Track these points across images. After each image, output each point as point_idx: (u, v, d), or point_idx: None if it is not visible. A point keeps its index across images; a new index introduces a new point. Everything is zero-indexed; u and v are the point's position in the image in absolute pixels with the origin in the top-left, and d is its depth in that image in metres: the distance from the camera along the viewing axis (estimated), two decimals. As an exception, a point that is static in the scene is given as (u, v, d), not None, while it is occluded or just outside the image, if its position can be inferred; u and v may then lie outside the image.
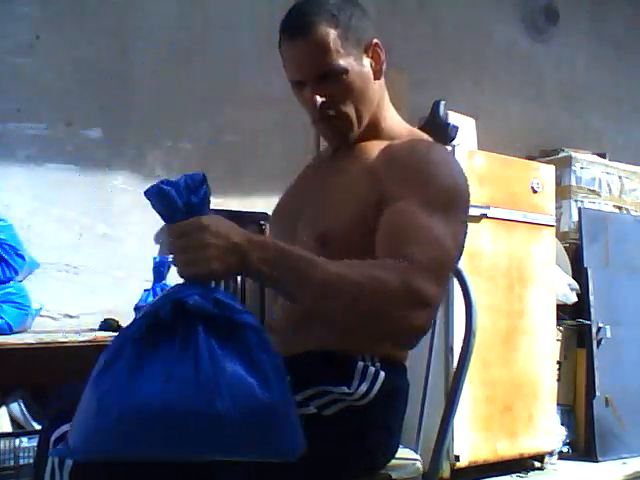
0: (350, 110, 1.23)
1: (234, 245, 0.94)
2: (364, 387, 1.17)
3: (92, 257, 2.77)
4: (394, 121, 1.31)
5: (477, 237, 2.82)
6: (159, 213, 0.98)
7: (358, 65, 1.22)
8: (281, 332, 1.28)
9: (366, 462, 1.23)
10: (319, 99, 1.20)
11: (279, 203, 1.42)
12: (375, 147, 1.22)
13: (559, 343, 3.28)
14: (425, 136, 1.28)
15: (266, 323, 1.35)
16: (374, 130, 1.27)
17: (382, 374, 1.18)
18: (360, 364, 1.18)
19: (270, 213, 1.45)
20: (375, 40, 1.24)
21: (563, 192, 3.57)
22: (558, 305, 3.16)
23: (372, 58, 1.24)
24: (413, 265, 0.99)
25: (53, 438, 1.09)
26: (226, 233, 0.94)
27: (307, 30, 1.17)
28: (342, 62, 1.19)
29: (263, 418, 0.93)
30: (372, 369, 1.18)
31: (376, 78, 1.25)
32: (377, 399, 1.16)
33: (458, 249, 1.13)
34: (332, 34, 1.18)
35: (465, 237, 1.17)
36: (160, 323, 0.92)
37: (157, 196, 0.96)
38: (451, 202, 1.11)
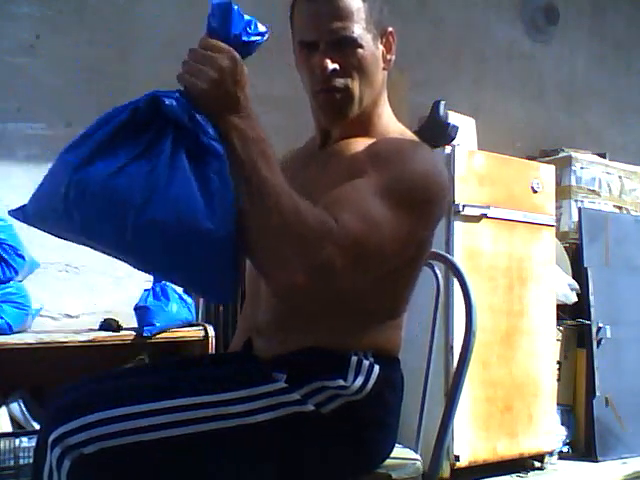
0: (355, 86, 1.20)
1: (234, 94, 0.98)
2: (360, 380, 1.17)
3: (92, 257, 2.73)
4: (389, 121, 1.29)
5: (477, 237, 2.82)
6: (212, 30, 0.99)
7: (374, 46, 1.21)
8: (270, 333, 1.28)
9: (365, 459, 1.23)
10: (331, 64, 1.17)
11: None
12: (361, 144, 1.21)
13: (559, 343, 3.28)
14: (410, 134, 1.28)
15: (253, 325, 1.34)
16: (366, 127, 1.25)
17: (377, 367, 1.18)
18: (354, 358, 1.18)
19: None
20: (390, 29, 1.24)
21: (563, 192, 3.56)
22: (558, 305, 3.16)
23: (385, 46, 1.24)
24: (337, 230, 1.00)
25: (51, 439, 1.09)
26: (238, 78, 0.98)
27: None
28: (362, 35, 1.18)
29: (195, 243, 0.90)
30: (366, 362, 1.18)
31: (384, 68, 1.25)
32: (373, 393, 1.17)
33: (395, 245, 1.09)
34: (359, 5, 1.18)
35: (423, 244, 1.17)
36: (136, 120, 0.96)
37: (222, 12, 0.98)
38: (413, 200, 1.10)
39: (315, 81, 1.20)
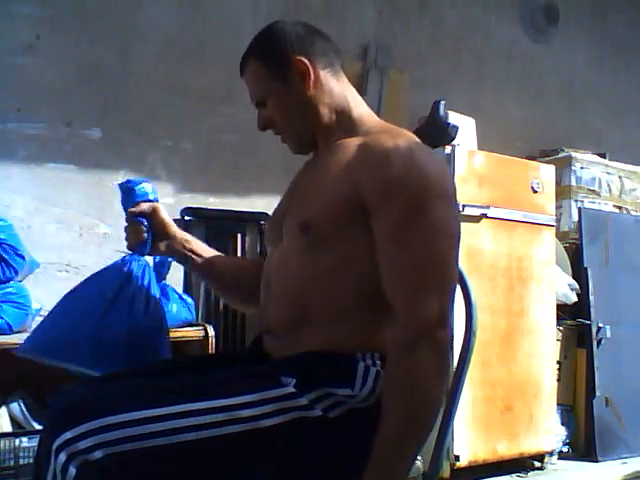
0: (286, 129, 1.36)
1: None
2: (367, 389, 1.17)
3: (92, 257, 2.77)
4: (365, 116, 1.36)
5: (477, 237, 2.81)
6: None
7: (282, 88, 1.33)
8: (278, 334, 1.28)
9: None
10: (259, 124, 1.38)
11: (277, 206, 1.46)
12: (351, 144, 1.28)
13: (559, 343, 3.28)
14: (396, 130, 1.31)
15: (262, 326, 1.35)
16: (347, 128, 1.33)
17: (383, 374, 1.18)
18: (361, 365, 1.18)
19: (270, 213, 1.46)
20: (298, 58, 1.32)
21: (563, 192, 3.57)
22: (558, 305, 3.16)
23: (299, 74, 1.32)
24: (414, 318, 1.13)
25: (55, 445, 1.07)
26: None
27: (243, 69, 1.38)
28: (266, 91, 1.34)
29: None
30: (373, 370, 1.18)
31: (307, 91, 1.32)
32: (380, 400, 1.16)
33: (457, 242, 1.21)
34: (257, 68, 1.35)
35: (459, 218, 1.25)
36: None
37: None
38: (432, 200, 1.17)
39: None
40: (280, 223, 1.33)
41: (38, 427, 2.29)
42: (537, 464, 3.02)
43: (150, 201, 1.48)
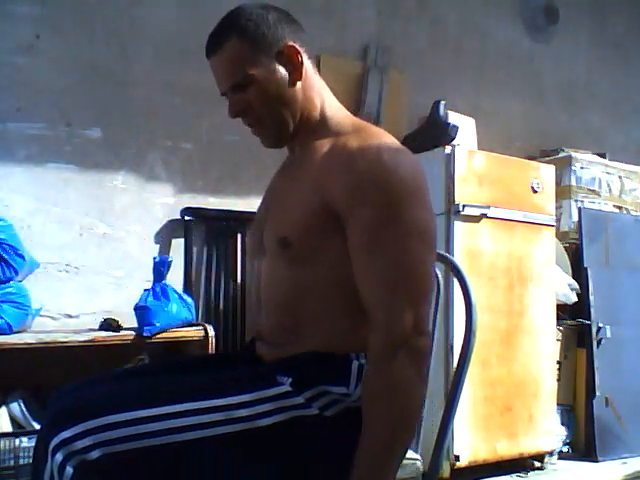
0: (264, 116, 1.26)
1: None
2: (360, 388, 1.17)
3: (92, 257, 2.77)
4: (338, 116, 1.29)
5: (477, 237, 2.82)
6: None
7: (269, 72, 1.23)
8: (270, 338, 1.28)
9: None
10: (231, 112, 1.28)
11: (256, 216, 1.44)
12: (322, 148, 1.23)
13: (559, 343, 3.29)
14: (368, 129, 1.25)
15: (256, 331, 1.35)
16: (318, 128, 1.27)
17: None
18: (355, 363, 1.19)
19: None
20: (290, 44, 1.23)
21: (563, 192, 3.57)
22: (558, 305, 3.16)
23: (288, 62, 1.24)
24: (389, 329, 1.10)
25: (53, 444, 1.07)
26: None
27: (217, 48, 1.23)
28: (249, 73, 1.22)
29: None
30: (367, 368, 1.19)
31: (295, 80, 1.25)
32: None
33: (432, 243, 1.16)
34: (239, 47, 1.21)
35: (434, 217, 1.19)
36: None
37: None
38: (401, 202, 1.12)
39: None
40: (260, 235, 1.31)
41: (38, 427, 2.29)
42: (537, 464, 3.02)
43: None
